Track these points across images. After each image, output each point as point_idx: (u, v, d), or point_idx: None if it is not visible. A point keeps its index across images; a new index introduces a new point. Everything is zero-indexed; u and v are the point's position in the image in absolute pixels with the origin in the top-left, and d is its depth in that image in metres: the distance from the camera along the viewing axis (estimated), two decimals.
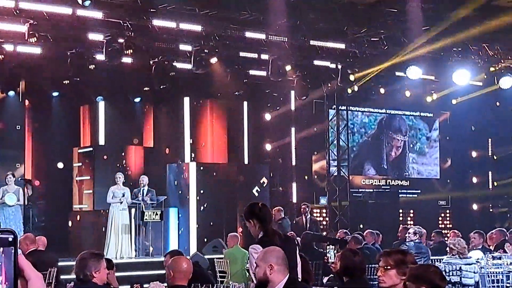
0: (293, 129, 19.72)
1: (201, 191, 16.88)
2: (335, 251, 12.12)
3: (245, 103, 18.57)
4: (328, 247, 13.06)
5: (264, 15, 14.61)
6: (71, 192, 17.79)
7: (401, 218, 20.33)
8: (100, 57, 14.59)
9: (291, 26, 15.20)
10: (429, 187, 22.14)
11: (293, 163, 19.69)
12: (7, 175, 14.90)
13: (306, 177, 20.23)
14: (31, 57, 14.92)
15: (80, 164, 17.65)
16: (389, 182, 21.83)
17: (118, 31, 14.03)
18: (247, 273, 9.77)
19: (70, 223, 17.30)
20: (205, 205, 16.86)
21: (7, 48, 14.50)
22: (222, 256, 12.53)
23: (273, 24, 14.99)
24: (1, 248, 1.42)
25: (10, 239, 1.42)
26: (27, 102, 17.33)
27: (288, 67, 16.54)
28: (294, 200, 19.22)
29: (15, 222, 14.58)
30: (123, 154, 17.68)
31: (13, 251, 1.42)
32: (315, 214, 18.46)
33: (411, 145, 22.44)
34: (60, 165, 17.80)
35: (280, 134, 19.59)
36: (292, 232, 12.59)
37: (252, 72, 17.42)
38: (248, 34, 15.23)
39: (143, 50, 15.33)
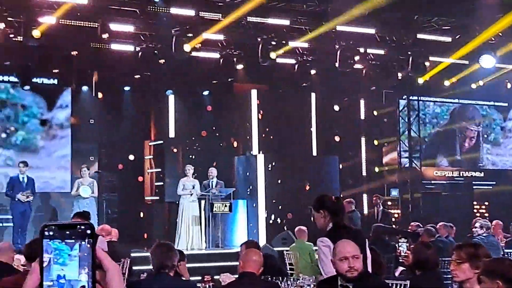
0: (362, 120, 19.51)
1: (270, 183, 16.90)
2: (407, 244, 11.92)
3: (313, 94, 18.46)
4: (400, 240, 12.87)
5: (331, 5, 14.49)
6: (142, 184, 18.12)
7: (475, 211, 19.87)
8: (169, 51, 14.77)
9: (359, 16, 15.01)
10: (504, 178, 21.53)
11: (363, 154, 19.49)
12: (82, 168, 15.29)
13: (376, 169, 19.99)
14: (104, 52, 15.23)
15: (151, 156, 17.96)
16: (462, 173, 21.35)
17: (187, 25, 14.17)
18: (316, 267, 9.72)
19: (141, 215, 17.61)
20: (273, 197, 16.88)
21: (80, 44, 14.88)
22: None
23: (342, 14, 14.85)
24: (80, 240, 1.43)
25: (89, 231, 1.44)
26: (100, 96, 17.70)
27: (356, 57, 16.37)
28: (364, 192, 19.03)
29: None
30: (192, 146, 17.87)
31: (91, 242, 1.43)
32: (385, 207, 18.22)
33: (485, 136, 21.89)
34: (131, 157, 18.12)
35: (349, 125, 19.40)
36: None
37: (320, 62, 17.31)
38: (317, 25, 15.13)
39: (211, 44, 15.45)
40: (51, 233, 1.43)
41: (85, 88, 17.39)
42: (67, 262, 1.43)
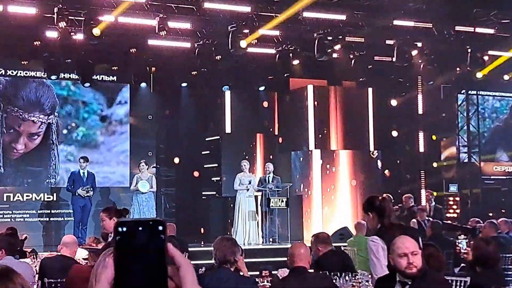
0: (420, 115, 19.26)
1: (326, 178, 16.87)
2: (466, 241, 11.73)
3: (370, 89, 18.31)
4: (459, 236, 12.67)
5: (389, 0, 14.35)
6: (199, 179, 18.29)
7: None
8: (226, 48, 14.86)
9: (417, 10, 14.83)
10: None
11: (421, 149, 19.24)
12: (140, 163, 15.54)
13: (435, 164, 19.73)
14: (161, 49, 15.42)
15: (208, 152, 18.11)
16: None
17: (244, 21, 14.23)
18: None
19: (198, 210, 17.79)
20: (330, 193, 16.84)
21: (138, 42, 15.11)
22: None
23: (398, 8, 14.70)
24: (151, 237, 1.47)
25: (160, 228, 1.47)
26: (157, 93, 17.94)
27: (414, 52, 16.18)
28: (423, 188, 18.79)
29: (148, 209, 15.19)
30: (249, 142, 17.96)
31: (163, 239, 1.46)
32: (444, 202, 17.99)
33: None
34: (188, 152, 18.29)
35: (407, 120, 19.18)
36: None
37: (377, 57, 17.15)
38: (373, 20, 15.00)
39: (267, 40, 15.48)
40: (124, 229, 1.48)
41: (143, 84, 17.66)
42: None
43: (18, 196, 16.11)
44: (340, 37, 15.14)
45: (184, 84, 18.05)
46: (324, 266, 6.70)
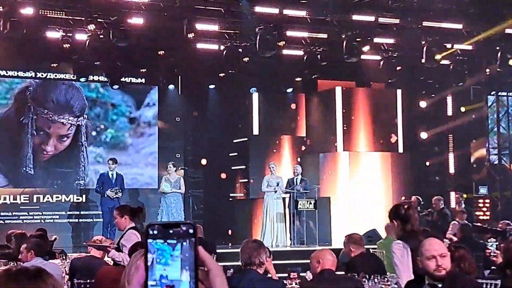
0: (449, 116, 19.08)
1: (354, 180, 16.79)
2: (496, 243, 11.59)
3: (399, 91, 18.19)
4: (489, 239, 12.52)
5: (418, 1, 14.25)
6: (227, 181, 18.31)
7: None
8: (253, 49, 14.87)
9: (446, 11, 14.70)
10: None
11: (450, 151, 19.06)
12: (168, 165, 15.61)
13: (464, 166, 19.53)
14: (189, 51, 15.47)
15: (235, 153, 18.12)
16: None
17: (272, 23, 14.22)
18: None
19: (226, 211, 17.80)
20: (358, 194, 16.75)
21: (167, 44, 15.18)
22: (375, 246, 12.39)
23: (428, 9, 14.58)
24: (182, 240, 1.47)
25: (191, 231, 1.47)
26: (185, 95, 18.01)
27: (443, 53, 16.03)
28: (452, 190, 18.61)
29: (176, 210, 15.24)
30: (276, 143, 17.94)
31: (193, 242, 1.46)
32: (473, 204, 17.81)
33: None
34: (216, 154, 18.33)
35: (436, 121, 19.02)
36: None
37: (406, 58, 17.02)
38: (402, 21, 14.91)
39: (295, 41, 15.45)
40: (155, 232, 1.47)
41: (171, 86, 17.74)
42: (169, 262, 1.46)
43: (47, 198, 16.28)
44: (369, 38, 15.05)
45: (212, 86, 18.09)
46: (356, 268, 6.67)
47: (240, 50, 15.49)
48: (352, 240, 7.32)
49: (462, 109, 19.28)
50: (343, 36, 14.98)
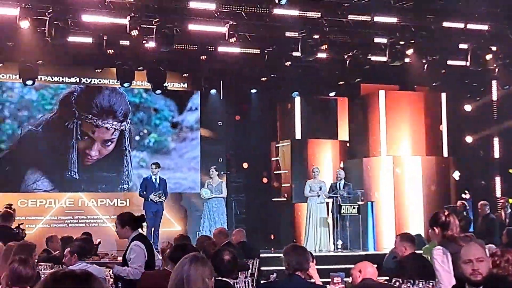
0: (495, 120, 18.73)
1: (398, 185, 16.61)
2: None
3: (443, 94, 17.94)
4: None
5: (462, 3, 14.04)
6: (269, 185, 18.29)
7: None
8: (296, 53, 14.83)
9: (491, 13, 14.45)
10: None
11: (496, 155, 18.70)
12: (210, 169, 15.67)
13: (510, 170, 19.14)
14: (231, 56, 15.50)
15: (278, 158, 18.09)
16: None
17: (313, 27, 14.17)
18: None
19: (269, 216, 17.77)
20: (402, 199, 16.56)
21: (209, 49, 15.23)
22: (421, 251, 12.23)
23: (472, 12, 14.36)
24: None
25: None
26: (227, 99, 18.05)
27: (489, 56, 15.74)
28: (498, 194, 18.26)
29: (218, 215, 15.29)
30: (319, 147, 17.86)
31: None
32: None
33: None
34: (258, 158, 18.32)
35: (481, 125, 18.69)
36: None
37: (450, 62, 16.78)
38: (446, 24, 14.69)
39: (337, 45, 15.35)
40: None
41: (213, 91, 17.80)
42: None
43: (92, 202, 16.48)
44: (413, 41, 14.88)
45: (253, 90, 18.11)
46: (406, 268, 6.60)
47: (282, 54, 15.44)
48: (406, 238, 7.22)
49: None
50: (386, 39, 14.84)
